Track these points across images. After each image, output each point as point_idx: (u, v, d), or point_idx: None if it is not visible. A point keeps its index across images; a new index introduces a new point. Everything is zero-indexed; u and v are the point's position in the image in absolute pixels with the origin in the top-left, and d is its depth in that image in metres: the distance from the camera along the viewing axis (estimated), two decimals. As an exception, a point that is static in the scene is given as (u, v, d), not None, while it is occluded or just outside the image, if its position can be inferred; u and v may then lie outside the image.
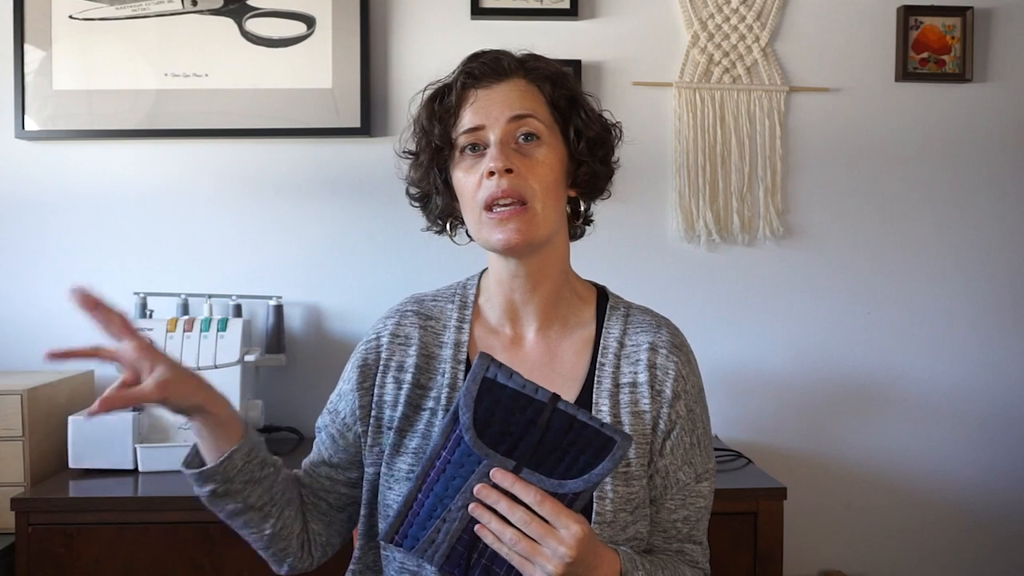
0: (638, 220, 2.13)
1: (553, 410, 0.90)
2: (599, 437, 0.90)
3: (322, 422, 1.19)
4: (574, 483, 0.90)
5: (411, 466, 1.06)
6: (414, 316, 1.13)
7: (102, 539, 1.60)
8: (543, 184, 1.04)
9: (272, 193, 2.11)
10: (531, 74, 1.08)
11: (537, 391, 0.90)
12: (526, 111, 1.05)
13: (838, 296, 2.17)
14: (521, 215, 1.03)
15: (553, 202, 1.06)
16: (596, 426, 0.90)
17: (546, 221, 1.05)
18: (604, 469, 0.90)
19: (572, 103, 1.09)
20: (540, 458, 0.90)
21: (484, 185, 1.03)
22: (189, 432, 1.77)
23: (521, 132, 1.05)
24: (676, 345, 1.12)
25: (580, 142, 1.09)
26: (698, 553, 1.12)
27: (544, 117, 1.07)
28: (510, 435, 0.90)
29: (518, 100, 1.06)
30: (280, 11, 2.07)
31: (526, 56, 1.10)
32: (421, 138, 1.11)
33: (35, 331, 2.06)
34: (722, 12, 2.13)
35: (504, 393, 0.90)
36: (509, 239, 1.03)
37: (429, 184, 1.12)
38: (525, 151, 1.05)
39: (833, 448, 2.17)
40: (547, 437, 0.90)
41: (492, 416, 0.90)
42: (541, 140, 1.06)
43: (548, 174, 1.05)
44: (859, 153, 2.16)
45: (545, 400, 0.90)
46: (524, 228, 1.03)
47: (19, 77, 2.03)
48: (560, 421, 0.90)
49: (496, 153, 1.03)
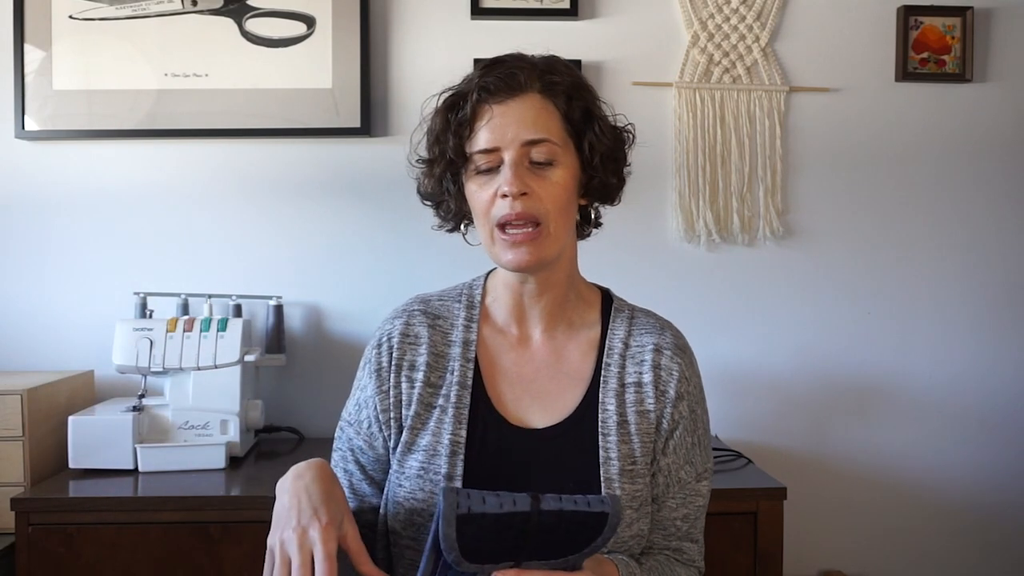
0: (638, 220, 2.13)
1: (539, 512, 0.87)
2: (590, 516, 0.88)
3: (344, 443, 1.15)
4: (576, 557, 0.90)
5: (421, 463, 1.06)
6: (422, 316, 1.14)
7: (102, 539, 1.60)
8: (556, 205, 1.05)
9: (272, 193, 2.11)
10: (547, 89, 1.07)
11: (515, 502, 0.87)
12: (540, 135, 1.05)
13: (838, 296, 2.17)
14: (535, 239, 1.04)
15: (565, 220, 1.07)
16: (584, 508, 0.88)
17: (558, 240, 1.06)
18: (604, 539, 0.89)
19: (587, 116, 1.09)
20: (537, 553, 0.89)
21: (498, 204, 1.04)
22: (189, 432, 1.79)
23: (535, 154, 1.05)
24: (680, 347, 1.14)
25: (594, 157, 1.09)
26: (695, 551, 1.14)
27: (558, 136, 1.06)
28: (502, 551, 0.88)
29: (532, 121, 1.05)
30: (280, 11, 2.07)
31: (544, 66, 1.08)
32: (435, 148, 1.10)
33: (35, 331, 2.07)
34: (722, 12, 2.13)
35: (484, 520, 0.86)
36: (520, 261, 1.04)
37: (442, 191, 1.13)
38: (539, 172, 1.05)
39: (833, 448, 2.17)
40: (539, 537, 0.88)
41: (480, 543, 0.87)
42: (556, 162, 1.06)
43: (561, 194, 1.06)
44: (859, 153, 2.16)
45: (528, 508, 0.87)
46: (536, 251, 1.04)
47: (19, 77, 2.03)
48: (548, 519, 0.87)
49: (511, 177, 1.03)
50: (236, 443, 1.82)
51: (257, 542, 1.60)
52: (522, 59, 1.09)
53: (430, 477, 1.05)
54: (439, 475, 1.05)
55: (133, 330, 1.82)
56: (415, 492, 1.06)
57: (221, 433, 1.81)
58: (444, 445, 1.06)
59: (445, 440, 1.06)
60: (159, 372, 1.82)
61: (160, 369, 1.80)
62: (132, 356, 1.80)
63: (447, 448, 1.06)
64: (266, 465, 1.86)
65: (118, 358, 1.81)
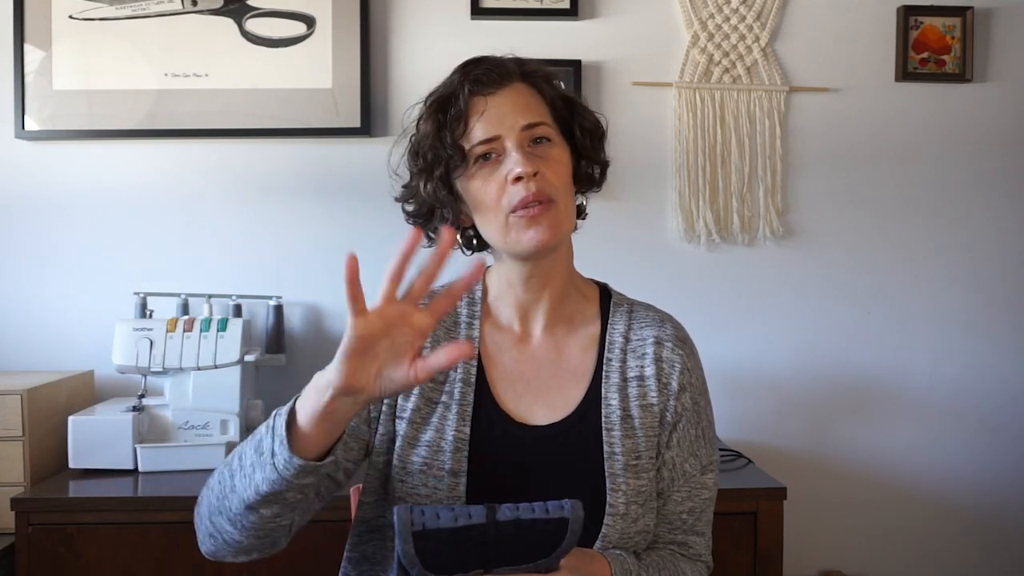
0: (638, 220, 2.13)
1: (496, 523, 0.89)
2: (550, 523, 0.89)
3: None
4: (546, 561, 0.91)
5: (424, 459, 1.07)
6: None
7: (102, 539, 1.60)
8: (562, 181, 1.07)
9: (272, 193, 2.11)
10: (529, 78, 1.10)
11: (471, 515, 0.89)
12: (536, 118, 1.07)
13: (838, 296, 2.17)
14: (551, 212, 1.05)
15: (571, 198, 1.10)
16: (542, 515, 0.89)
17: (569, 217, 1.08)
18: (569, 543, 0.90)
19: (566, 102, 1.13)
20: (506, 560, 0.90)
21: (509, 191, 1.04)
22: (189, 432, 1.79)
23: (535, 137, 1.07)
24: (680, 339, 1.14)
25: (585, 137, 1.12)
26: (701, 545, 1.13)
27: (549, 120, 1.10)
28: (468, 562, 0.90)
29: (526, 107, 1.08)
30: (280, 11, 2.07)
31: (517, 61, 1.12)
32: (428, 155, 1.09)
33: (35, 331, 2.07)
34: (722, 12, 2.13)
35: (441, 534, 0.88)
36: (542, 238, 1.04)
37: (436, 201, 1.10)
38: (541, 153, 1.07)
39: (833, 448, 2.17)
40: (501, 546, 0.89)
41: (441, 556, 0.89)
42: (553, 142, 1.09)
43: (564, 172, 1.08)
44: (859, 153, 2.16)
45: (483, 519, 0.89)
46: (555, 226, 1.05)
47: (19, 77, 2.03)
48: (506, 528, 0.89)
49: (521, 159, 1.04)
50: (236, 443, 1.81)
51: (257, 542, 1.60)
52: (496, 56, 1.12)
53: (433, 473, 1.06)
54: (443, 471, 1.05)
55: (133, 330, 1.82)
56: (417, 488, 1.06)
57: (221, 433, 1.82)
58: (448, 441, 1.07)
59: (449, 436, 1.07)
60: (159, 372, 1.82)
61: (160, 369, 1.80)
62: (132, 356, 1.80)
63: (451, 444, 1.06)
64: (266, 465, 1.86)
65: (118, 358, 1.81)
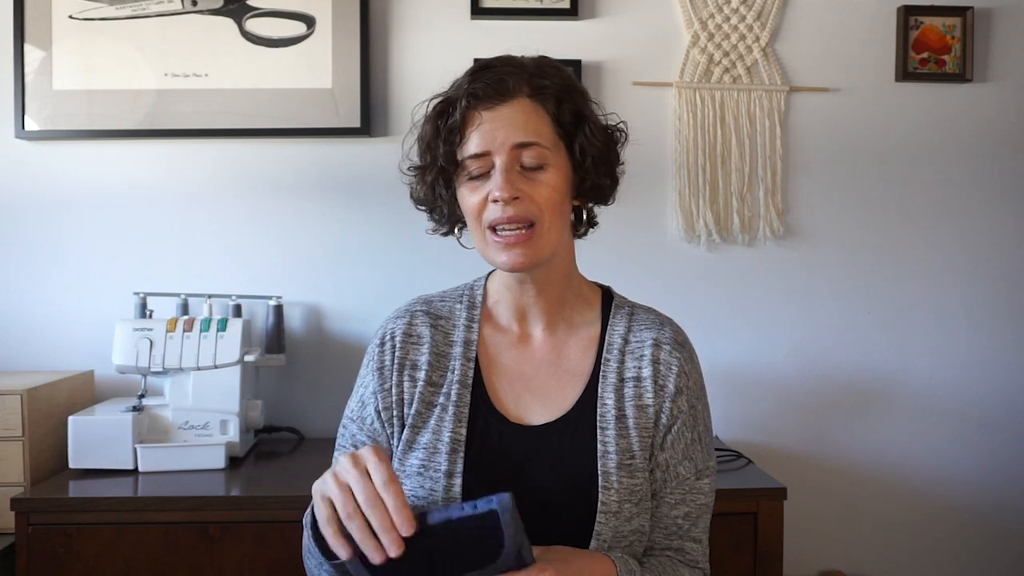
0: (638, 220, 2.13)
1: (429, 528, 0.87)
2: (481, 517, 0.87)
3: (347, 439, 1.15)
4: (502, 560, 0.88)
5: (422, 461, 1.07)
6: (424, 316, 1.15)
7: (102, 539, 1.60)
8: (549, 205, 1.06)
9: (272, 193, 2.11)
10: (537, 93, 1.07)
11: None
12: (530, 138, 1.05)
13: (838, 296, 2.17)
14: (527, 240, 1.05)
15: (558, 219, 1.08)
16: (471, 512, 0.88)
17: (551, 240, 1.07)
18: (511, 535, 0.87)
19: (577, 118, 1.09)
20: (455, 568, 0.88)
21: (489, 208, 1.05)
22: (189, 432, 1.79)
23: (526, 157, 1.05)
24: (679, 342, 1.14)
25: (585, 159, 1.09)
26: (698, 552, 1.13)
27: (548, 139, 1.07)
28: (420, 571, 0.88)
29: (522, 125, 1.05)
30: (280, 11, 2.07)
31: (533, 69, 1.08)
32: (426, 156, 1.11)
33: (35, 331, 2.07)
34: (722, 12, 2.13)
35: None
36: (514, 262, 1.06)
37: (435, 197, 1.13)
38: (530, 175, 1.06)
39: (833, 448, 2.17)
40: (444, 552, 0.88)
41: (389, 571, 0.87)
42: (546, 165, 1.06)
43: (553, 195, 1.06)
44: (859, 153, 2.16)
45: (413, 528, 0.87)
46: (529, 252, 1.05)
47: (19, 77, 2.03)
48: (440, 531, 0.87)
49: (501, 182, 1.04)
50: (236, 443, 1.82)
51: (257, 542, 1.61)
52: (511, 63, 1.09)
53: (430, 475, 1.06)
54: (439, 472, 1.06)
55: (133, 330, 1.82)
56: (415, 490, 1.07)
57: (221, 433, 1.81)
58: (444, 443, 1.07)
59: (445, 438, 1.07)
60: (159, 372, 1.82)
61: (160, 369, 1.80)
62: (132, 356, 1.80)
63: (447, 446, 1.07)
64: (266, 465, 1.86)
65: (118, 358, 1.81)
